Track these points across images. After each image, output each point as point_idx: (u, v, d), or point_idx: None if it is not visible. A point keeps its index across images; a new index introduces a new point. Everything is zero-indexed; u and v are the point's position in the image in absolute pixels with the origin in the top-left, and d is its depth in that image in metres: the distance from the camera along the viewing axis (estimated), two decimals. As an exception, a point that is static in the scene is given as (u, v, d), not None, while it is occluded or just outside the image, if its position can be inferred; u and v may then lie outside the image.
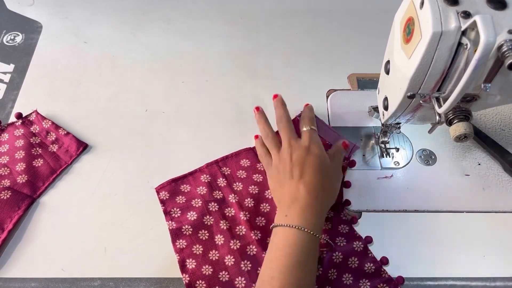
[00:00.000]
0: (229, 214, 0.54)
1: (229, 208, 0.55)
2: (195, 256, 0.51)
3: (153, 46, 0.74)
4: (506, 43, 0.36)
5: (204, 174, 0.58)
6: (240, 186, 0.57)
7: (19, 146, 0.60)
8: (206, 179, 0.57)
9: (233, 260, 0.51)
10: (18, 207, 0.54)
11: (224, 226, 0.53)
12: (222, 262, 0.51)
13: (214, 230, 0.53)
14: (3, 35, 0.75)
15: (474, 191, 0.56)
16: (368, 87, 0.67)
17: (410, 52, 0.41)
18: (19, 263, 0.51)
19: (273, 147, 0.56)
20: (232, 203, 0.55)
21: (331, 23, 0.77)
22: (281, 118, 0.58)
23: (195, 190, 0.56)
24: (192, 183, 0.57)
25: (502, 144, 0.59)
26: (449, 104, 0.41)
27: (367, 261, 0.51)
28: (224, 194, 0.56)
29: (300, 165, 0.51)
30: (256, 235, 0.52)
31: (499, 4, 0.38)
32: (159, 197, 0.56)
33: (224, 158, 0.59)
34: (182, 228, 0.53)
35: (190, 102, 0.66)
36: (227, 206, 0.55)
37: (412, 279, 0.50)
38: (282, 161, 0.53)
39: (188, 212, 0.54)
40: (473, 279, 0.50)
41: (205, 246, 0.52)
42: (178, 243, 0.52)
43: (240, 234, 0.53)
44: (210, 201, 0.55)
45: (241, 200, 0.55)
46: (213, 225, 0.53)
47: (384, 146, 0.60)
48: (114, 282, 0.50)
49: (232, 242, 0.52)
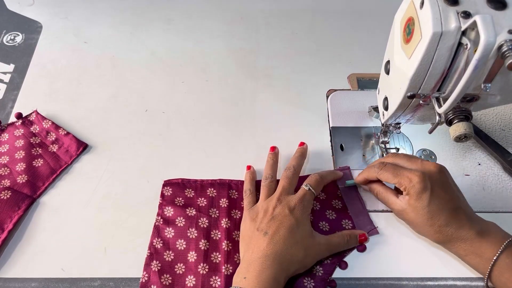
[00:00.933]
0: (214, 237, 0.52)
1: (217, 231, 0.53)
2: (163, 261, 0.50)
3: (153, 46, 0.74)
4: (506, 43, 0.36)
5: (213, 188, 0.56)
6: (238, 215, 0.54)
7: (19, 146, 0.60)
8: (211, 193, 0.56)
9: (194, 281, 0.49)
10: (18, 207, 0.54)
11: (203, 247, 0.51)
12: (183, 278, 0.49)
13: (192, 245, 0.51)
14: (3, 35, 0.75)
15: (474, 191, 0.56)
16: (368, 87, 0.67)
17: (410, 52, 0.41)
18: (19, 263, 0.51)
19: (266, 191, 0.52)
20: (222, 227, 0.53)
21: (331, 23, 0.77)
22: (290, 167, 0.54)
23: (196, 199, 0.55)
24: (198, 191, 0.56)
25: (502, 144, 0.59)
26: (449, 104, 0.41)
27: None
28: (219, 215, 0.54)
29: (278, 223, 0.48)
30: (227, 270, 0.50)
31: (499, 4, 0.38)
32: (163, 190, 0.56)
33: (238, 182, 0.57)
34: (165, 229, 0.53)
35: (190, 102, 0.66)
36: (216, 229, 0.53)
37: (412, 279, 0.50)
38: (263, 210, 0.50)
39: (178, 217, 0.53)
40: (474, 279, 0.50)
41: (176, 256, 0.51)
42: (155, 241, 0.52)
43: (214, 261, 0.51)
44: (203, 216, 0.54)
45: (231, 228, 0.53)
46: (193, 240, 0.52)
47: (384, 146, 0.60)
48: (114, 282, 0.50)
49: (201, 266, 0.50)
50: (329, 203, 0.55)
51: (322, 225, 0.54)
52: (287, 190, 0.51)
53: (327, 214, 0.54)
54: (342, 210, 0.55)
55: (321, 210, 0.55)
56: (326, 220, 0.54)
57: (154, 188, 0.57)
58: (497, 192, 0.56)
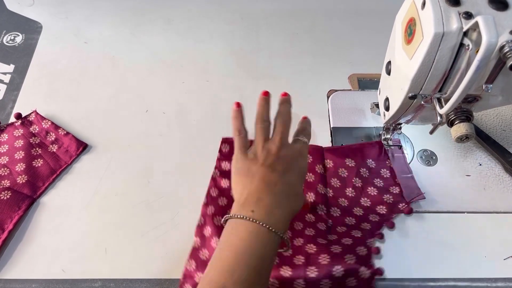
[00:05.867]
0: None
1: None
2: (217, 205, 0.54)
3: (153, 46, 0.74)
4: (508, 44, 0.36)
5: None
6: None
7: (18, 146, 0.59)
8: None
9: None
10: (18, 207, 0.54)
11: None
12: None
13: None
14: (3, 35, 0.75)
15: (475, 191, 0.56)
16: (369, 87, 0.67)
17: (412, 52, 0.41)
18: (20, 264, 0.51)
19: (264, 133, 0.48)
20: None
21: (332, 23, 0.77)
22: (283, 114, 0.49)
23: None
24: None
25: (503, 144, 0.59)
26: (451, 105, 0.41)
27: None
28: None
29: (287, 163, 0.45)
30: None
31: (501, 5, 0.38)
32: (221, 146, 0.59)
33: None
34: (221, 181, 0.56)
35: (191, 102, 0.66)
36: None
37: (413, 280, 0.50)
38: (266, 150, 0.46)
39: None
40: (475, 279, 0.50)
41: (229, 202, 0.54)
42: (212, 190, 0.55)
43: None
44: None
45: None
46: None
47: (387, 143, 0.59)
48: (115, 283, 0.50)
49: None
50: (378, 172, 0.58)
51: (370, 190, 0.56)
52: (286, 136, 0.48)
53: (376, 182, 0.57)
54: (389, 179, 0.57)
55: (370, 177, 0.57)
56: (375, 186, 0.56)
57: (154, 188, 0.57)
58: (498, 193, 0.56)
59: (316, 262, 0.49)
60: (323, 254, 0.49)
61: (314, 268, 0.48)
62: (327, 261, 0.49)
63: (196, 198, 0.55)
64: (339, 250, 0.50)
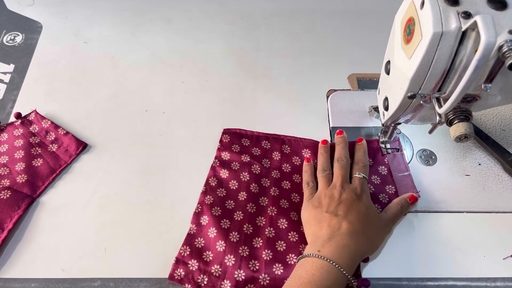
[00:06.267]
0: (264, 184, 0.57)
1: (266, 179, 0.57)
2: (216, 196, 0.55)
3: (153, 46, 0.74)
4: (506, 43, 0.36)
5: (267, 141, 0.61)
6: (289, 168, 0.59)
7: (18, 145, 0.60)
8: (265, 145, 0.61)
9: (242, 216, 0.53)
10: (18, 207, 0.54)
11: (253, 189, 0.56)
12: (232, 212, 0.54)
13: (243, 186, 0.56)
14: (3, 35, 0.75)
15: (475, 191, 0.56)
16: (368, 87, 0.67)
17: (411, 52, 0.41)
18: (19, 263, 0.51)
19: (326, 181, 0.53)
20: (272, 177, 0.57)
21: (331, 23, 0.77)
22: (341, 158, 0.55)
23: (251, 148, 0.60)
24: (253, 141, 0.61)
25: (503, 144, 0.59)
26: (450, 104, 0.41)
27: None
28: (270, 165, 0.59)
29: (347, 206, 0.49)
30: (272, 211, 0.54)
31: (499, 4, 0.38)
32: (222, 137, 0.61)
33: (291, 138, 0.61)
34: (220, 170, 0.57)
35: (190, 102, 0.66)
36: (266, 177, 0.57)
37: (412, 279, 0.50)
38: (328, 197, 0.51)
39: (233, 162, 0.58)
40: (474, 279, 0.50)
41: (228, 194, 0.55)
42: (211, 179, 0.57)
43: (261, 204, 0.55)
44: (256, 164, 0.58)
45: (280, 179, 0.57)
46: (244, 182, 0.56)
47: (384, 146, 0.59)
48: (114, 282, 0.50)
49: (249, 205, 0.54)
50: (375, 169, 0.58)
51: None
52: (346, 178, 0.53)
53: (373, 179, 0.57)
54: (386, 176, 0.57)
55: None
56: (371, 183, 0.57)
57: (154, 188, 0.57)
58: (498, 192, 0.56)
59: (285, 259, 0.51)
60: (291, 254, 0.51)
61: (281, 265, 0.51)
62: (293, 261, 0.51)
63: (196, 198, 0.55)
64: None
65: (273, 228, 0.53)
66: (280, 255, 0.51)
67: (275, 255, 0.51)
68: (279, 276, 0.49)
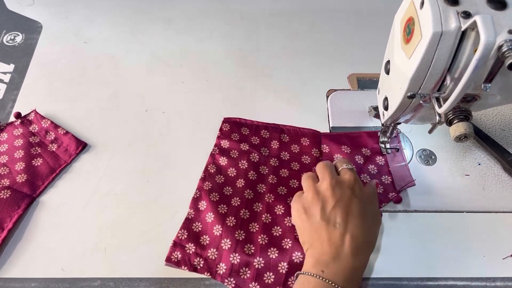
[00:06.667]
0: (262, 171, 0.58)
1: (265, 166, 0.58)
2: (214, 182, 0.56)
3: (153, 46, 0.74)
4: (506, 43, 0.36)
5: (266, 130, 0.62)
6: (287, 156, 0.60)
7: (18, 145, 0.60)
8: (264, 135, 0.61)
9: (239, 202, 0.54)
10: (18, 206, 0.54)
11: (251, 176, 0.57)
12: (229, 198, 0.55)
13: (242, 173, 0.57)
14: (3, 35, 0.75)
15: (474, 191, 0.56)
16: (368, 87, 0.67)
17: (410, 52, 0.41)
18: (19, 263, 0.51)
19: (312, 179, 0.50)
20: (270, 165, 0.58)
21: (331, 23, 0.77)
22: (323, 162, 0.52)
23: (250, 137, 0.61)
24: (253, 130, 0.62)
25: (502, 144, 0.59)
26: (449, 104, 0.41)
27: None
28: (269, 154, 0.60)
29: (344, 210, 0.46)
30: (269, 198, 0.55)
31: (499, 4, 0.38)
32: (222, 126, 0.62)
33: (290, 127, 0.62)
34: (220, 158, 0.58)
35: (190, 102, 0.66)
36: (264, 165, 0.58)
37: (412, 279, 0.50)
38: (321, 193, 0.48)
39: (232, 150, 0.59)
40: (473, 279, 0.50)
41: (226, 180, 0.56)
42: (210, 166, 0.58)
43: (259, 190, 0.56)
44: (254, 152, 0.59)
45: (279, 167, 0.58)
46: (243, 170, 0.57)
47: (384, 146, 0.60)
48: (114, 282, 0.50)
49: (247, 192, 0.55)
50: (373, 159, 0.59)
51: (363, 177, 0.57)
52: (334, 172, 0.50)
53: (370, 169, 0.58)
54: (384, 166, 0.58)
55: (364, 164, 0.59)
56: (368, 173, 0.58)
57: (154, 187, 0.57)
58: (497, 192, 0.56)
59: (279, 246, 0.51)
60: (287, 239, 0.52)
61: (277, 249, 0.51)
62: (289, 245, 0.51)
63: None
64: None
65: (270, 214, 0.54)
66: (275, 239, 0.52)
67: (270, 239, 0.52)
68: (273, 260, 0.50)
